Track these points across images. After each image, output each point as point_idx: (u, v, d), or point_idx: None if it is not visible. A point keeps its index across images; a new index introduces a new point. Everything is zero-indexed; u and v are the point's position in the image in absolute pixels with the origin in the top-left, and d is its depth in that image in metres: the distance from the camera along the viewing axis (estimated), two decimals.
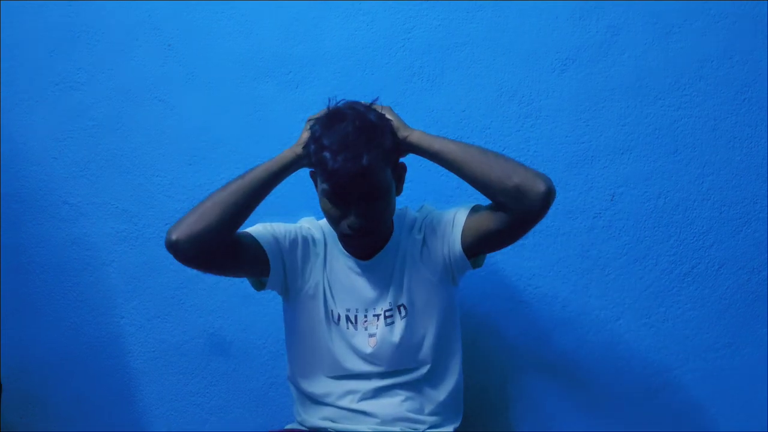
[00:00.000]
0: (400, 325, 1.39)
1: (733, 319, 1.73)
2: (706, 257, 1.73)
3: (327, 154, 1.25)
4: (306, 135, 1.33)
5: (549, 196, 1.25)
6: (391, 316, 1.40)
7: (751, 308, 1.72)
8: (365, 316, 1.40)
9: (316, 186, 1.38)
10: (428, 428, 1.41)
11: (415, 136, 1.33)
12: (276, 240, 1.39)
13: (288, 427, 1.49)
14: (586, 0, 1.72)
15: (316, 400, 1.43)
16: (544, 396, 1.76)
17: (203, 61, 1.77)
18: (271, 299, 1.73)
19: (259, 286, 1.43)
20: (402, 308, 1.40)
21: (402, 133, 1.34)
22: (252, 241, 1.36)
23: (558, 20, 1.72)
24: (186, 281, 1.78)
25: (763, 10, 1.70)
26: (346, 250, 1.41)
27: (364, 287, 1.41)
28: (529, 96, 1.73)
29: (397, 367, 1.40)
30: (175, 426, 1.80)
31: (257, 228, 1.40)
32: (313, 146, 1.29)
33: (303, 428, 1.46)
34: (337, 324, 1.41)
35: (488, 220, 1.33)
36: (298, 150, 1.33)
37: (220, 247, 1.30)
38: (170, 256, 1.68)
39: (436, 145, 1.32)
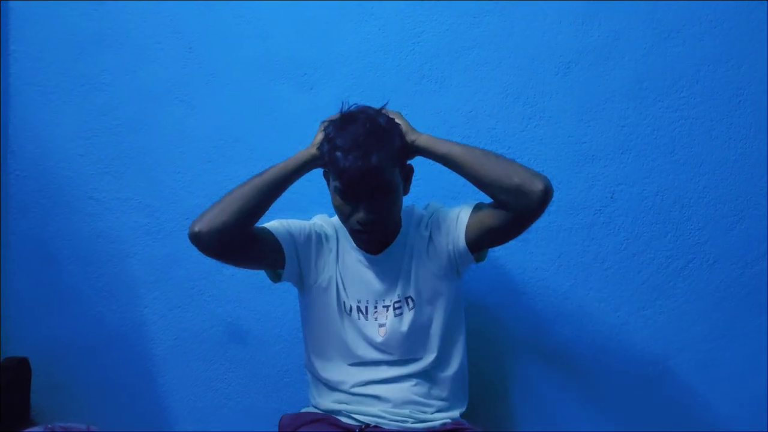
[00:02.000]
0: (408, 315, 1.45)
1: (726, 312, 1.75)
2: (701, 252, 1.75)
3: (339, 154, 1.32)
4: (320, 136, 1.41)
5: (547, 194, 1.31)
6: (400, 307, 1.46)
7: (744, 301, 1.75)
8: (375, 308, 1.47)
9: (328, 184, 1.44)
10: (435, 411, 1.47)
11: (422, 140, 1.40)
12: (291, 235, 1.45)
13: (304, 410, 1.55)
14: (589, 3, 1.74)
15: (330, 386, 1.49)
16: (544, 384, 1.78)
17: (222, 63, 1.79)
18: (286, 290, 1.74)
19: (276, 278, 1.50)
20: (410, 300, 1.46)
21: (410, 137, 1.40)
22: (268, 235, 1.43)
23: (561, 25, 1.75)
24: (205, 273, 1.80)
25: (758, 16, 1.73)
26: (356, 245, 1.47)
27: (374, 280, 1.47)
28: (534, 97, 1.76)
29: (406, 356, 1.46)
30: (195, 410, 1.82)
31: (273, 224, 1.47)
32: (326, 146, 1.36)
33: (318, 411, 1.52)
34: (349, 315, 1.47)
35: (490, 217, 1.39)
36: (313, 150, 1.40)
37: (239, 239, 1.37)
38: (191, 249, 1.75)
39: (443, 148, 1.39)
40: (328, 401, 1.50)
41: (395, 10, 1.78)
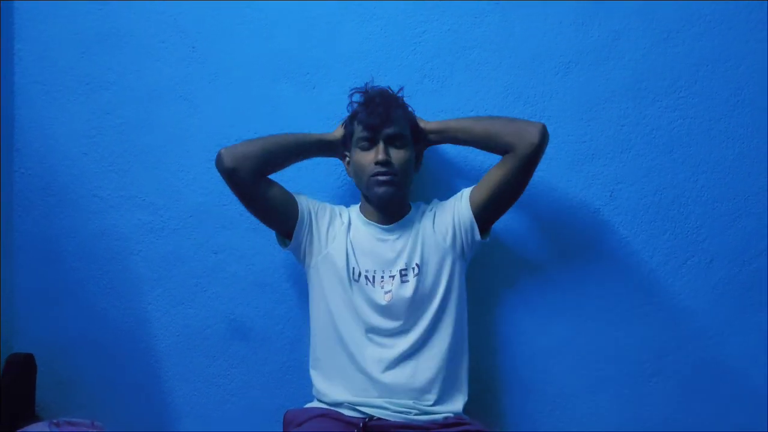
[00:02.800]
0: (412, 281, 1.53)
1: (724, 309, 1.77)
2: (699, 250, 1.77)
3: (362, 107, 1.57)
4: (340, 130, 1.64)
5: (543, 132, 1.51)
6: (406, 274, 1.54)
7: (741, 299, 1.77)
8: (382, 277, 1.54)
9: (348, 170, 1.63)
10: (436, 403, 1.50)
11: (433, 123, 1.64)
12: (307, 200, 1.62)
13: (307, 405, 1.58)
14: (589, 4, 1.76)
15: (334, 374, 1.54)
16: (543, 378, 1.80)
17: (226, 62, 1.81)
18: (288, 288, 1.80)
19: (284, 243, 1.60)
20: (416, 267, 1.54)
21: (422, 124, 1.63)
22: (286, 192, 1.59)
23: (561, 25, 1.77)
24: (208, 270, 1.82)
25: (757, 17, 1.75)
26: (373, 200, 1.57)
27: (383, 251, 1.56)
28: (534, 97, 1.78)
29: (408, 323, 1.52)
30: (198, 405, 1.83)
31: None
32: (350, 108, 1.61)
33: (322, 405, 1.54)
34: (357, 281, 1.54)
35: (496, 173, 1.55)
36: (338, 134, 1.63)
37: (257, 174, 1.53)
38: (194, 247, 1.80)
39: (452, 123, 1.63)
40: (332, 393, 1.53)
41: (397, 11, 1.80)
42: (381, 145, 1.53)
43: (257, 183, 1.54)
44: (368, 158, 1.54)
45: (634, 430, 1.79)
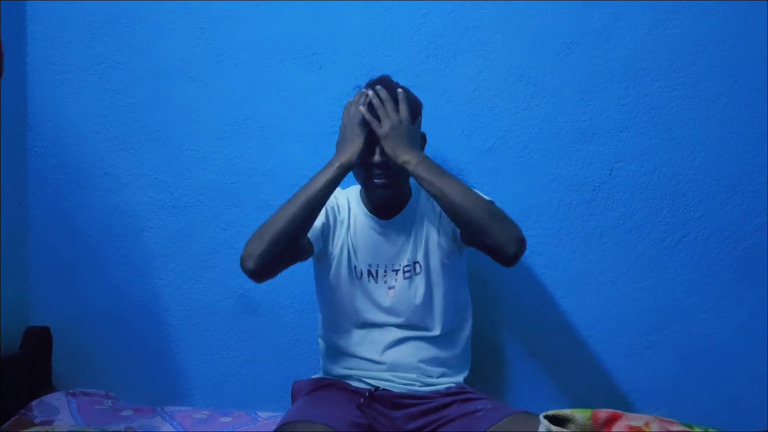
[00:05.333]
0: (417, 280, 1.53)
1: (719, 285, 1.80)
2: (696, 227, 1.80)
3: (365, 92, 1.47)
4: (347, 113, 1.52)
5: (516, 258, 1.41)
6: (410, 271, 1.54)
7: (736, 274, 1.80)
8: (385, 271, 1.54)
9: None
10: (440, 377, 1.55)
11: (411, 159, 1.44)
12: (313, 230, 1.50)
13: (314, 376, 1.63)
14: None
15: (342, 352, 1.57)
16: (543, 353, 1.84)
17: (234, 43, 1.83)
18: (297, 264, 1.83)
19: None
20: (419, 265, 1.54)
21: (400, 159, 1.45)
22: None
23: (563, 6, 1.78)
24: (218, 246, 1.86)
25: None
26: (371, 199, 1.55)
27: (385, 245, 1.55)
28: (536, 77, 1.79)
29: (412, 321, 1.54)
30: (208, 377, 1.88)
31: None
32: (357, 90, 1.51)
33: (328, 377, 1.59)
34: (359, 279, 1.54)
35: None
36: (351, 154, 1.46)
37: (281, 265, 1.48)
38: (204, 224, 1.85)
39: (428, 175, 1.43)
40: (338, 367, 1.58)
41: None
42: (377, 148, 1.46)
43: (284, 266, 1.50)
44: (366, 160, 1.48)
45: (631, 399, 1.83)
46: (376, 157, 1.46)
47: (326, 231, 1.55)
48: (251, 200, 1.85)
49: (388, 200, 1.54)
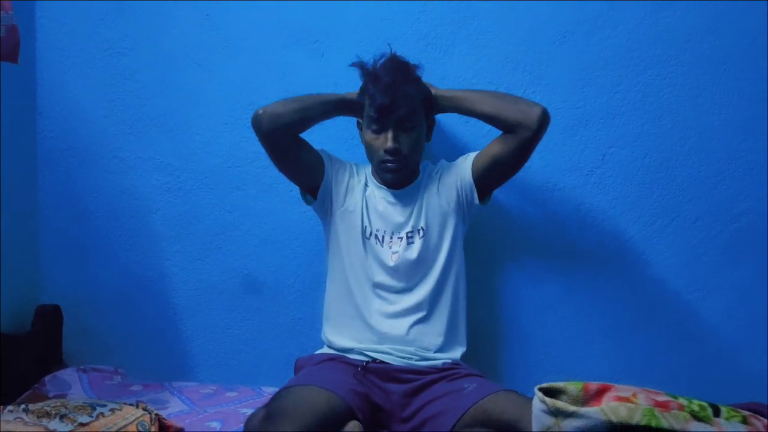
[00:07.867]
0: (417, 243, 1.63)
1: (706, 266, 1.85)
2: (684, 211, 1.84)
3: (372, 83, 1.57)
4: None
5: (545, 115, 1.54)
6: (412, 236, 1.63)
7: (723, 257, 1.85)
8: (391, 238, 1.64)
9: (361, 136, 1.65)
10: (436, 351, 1.61)
11: (441, 90, 1.66)
12: (329, 157, 1.69)
13: (318, 351, 1.68)
14: None
15: (344, 321, 1.64)
16: (537, 332, 1.89)
17: (238, 30, 1.87)
18: (299, 245, 1.89)
19: (307, 199, 1.68)
20: (421, 230, 1.63)
21: (432, 91, 1.65)
22: (314, 150, 1.66)
23: None
24: (223, 228, 1.91)
25: None
26: (380, 180, 1.66)
27: (393, 214, 1.65)
28: (532, 65, 1.84)
29: (411, 282, 1.62)
30: (214, 354, 1.93)
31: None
32: (363, 80, 1.61)
33: (331, 351, 1.65)
34: (368, 239, 1.64)
35: (497, 147, 1.61)
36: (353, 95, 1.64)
37: (290, 134, 1.60)
38: (210, 206, 1.88)
39: (459, 93, 1.65)
40: (342, 339, 1.63)
41: None
42: (390, 134, 1.56)
43: (291, 142, 1.61)
44: (378, 142, 1.59)
45: (621, 378, 1.86)
46: (389, 144, 1.56)
47: (341, 173, 1.67)
48: (255, 184, 1.90)
49: (397, 182, 1.64)
